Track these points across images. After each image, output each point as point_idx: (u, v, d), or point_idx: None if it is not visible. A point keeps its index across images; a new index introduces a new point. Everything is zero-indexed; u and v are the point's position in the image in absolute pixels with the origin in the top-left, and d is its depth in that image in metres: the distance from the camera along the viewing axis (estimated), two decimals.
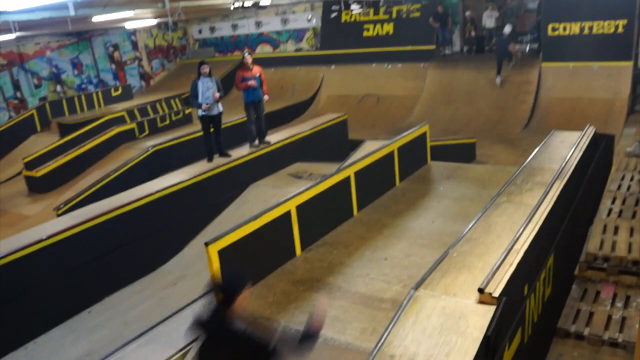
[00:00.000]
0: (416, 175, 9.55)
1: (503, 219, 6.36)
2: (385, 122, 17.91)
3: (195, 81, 10.68)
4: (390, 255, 6.72)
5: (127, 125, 16.34)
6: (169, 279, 9.06)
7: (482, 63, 18.75)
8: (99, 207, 9.28)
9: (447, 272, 5.23)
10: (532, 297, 5.59)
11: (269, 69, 21.99)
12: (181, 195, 10.11)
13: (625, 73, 15.92)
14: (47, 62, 22.55)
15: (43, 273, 8.09)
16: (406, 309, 4.70)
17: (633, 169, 10.76)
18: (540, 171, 7.86)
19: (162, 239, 9.68)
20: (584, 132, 9.39)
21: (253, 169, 11.28)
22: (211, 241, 5.71)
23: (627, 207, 8.96)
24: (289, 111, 19.55)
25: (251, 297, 5.77)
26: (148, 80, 26.12)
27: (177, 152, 13.56)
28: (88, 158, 15.01)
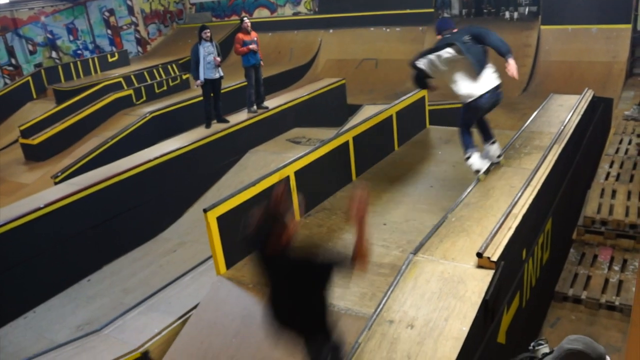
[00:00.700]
0: (415, 140, 9.53)
1: (501, 183, 6.36)
2: (384, 86, 17.78)
3: (196, 46, 10.61)
4: (389, 220, 6.74)
5: (124, 92, 16.21)
6: (168, 246, 9.11)
7: (481, 25, 18.49)
8: (97, 175, 9.28)
9: (445, 237, 5.25)
10: (530, 262, 5.62)
11: (266, 33, 21.75)
12: (180, 161, 10.10)
13: (624, 36, 15.77)
14: (42, 28, 22.23)
15: (41, 242, 8.11)
16: (405, 273, 4.73)
17: (631, 132, 10.75)
18: (538, 135, 7.84)
19: (161, 205, 9.71)
20: (583, 96, 9.34)
21: (251, 135, 11.25)
22: (210, 208, 5.71)
23: (624, 170, 8.96)
24: (287, 76, 19.38)
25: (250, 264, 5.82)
26: (145, 46, 25.83)
27: (175, 118, 13.49)
28: (85, 125, 14.91)
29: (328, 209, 7.10)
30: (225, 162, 10.69)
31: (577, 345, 2.60)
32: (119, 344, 5.76)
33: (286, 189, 4.13)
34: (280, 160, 7.62)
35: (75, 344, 5.94)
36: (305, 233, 6.50)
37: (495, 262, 4.59)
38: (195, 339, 5.36)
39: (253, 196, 6.16)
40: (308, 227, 6.67)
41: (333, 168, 7.62)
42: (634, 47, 15.75)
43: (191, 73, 10.88)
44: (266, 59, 12.66)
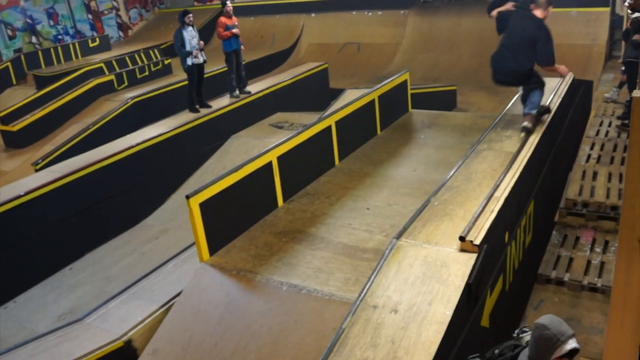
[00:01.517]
0: (397, 124, 9.52)
1: (483, 166, 6.38)
2: (366, 70, 17.75)
3: (179, 30, 10.48)
4: (372, 204, 6.74)
5: (106, 77, 16.02)
6: (150, 233, 9.07)
7: (462, 9, 18.54)
8: (78, 161, 9.20)
9: (428, 221, 5.26)
10: (512, 244, 5.66)
11: (248, 17, 21.62)
12: (162, 147, 10.03)
13: (602, 19, 15.92)
14: (21, 13, 21.87)
15: (22, 230, 8.05)
16: (388, 258, 4.73)
17: (611, 114, 10.85)
18: (520, 118, 7.85)
19: (143, 192, 9.65)
20: (563, 79, 9.37)
21: (234, 120, 11.20)
22: (192, 194, 5.67)
23: (605, 152, 9.05)
24: (269, 60, 19.28)
25: (233, 250, 5.81)
26: (126, 31, 25.54)
27: (157, 103, 13.36)
28: (66, 111, 14.72)
29: (311, 194, 7.08)
30: (208, 147, 10.64)
31: (544, 320, 2.70)
32: (102, 332, 5.72)
33: None
34: (263, 146, 7.56)
35: (57, 334, 5.89)
36: (288, 219, 6.49)
37: (478, 245, 4.61)
38: (179, 327, 5.34)
39: (236, 182, 6.12)
40: (291, 212, 6.65)
41: (316, 153, 7.60)
42: (613, 30, 15.91)
43: (180, 56, 10.68)
44: (248, 43, 12.59)
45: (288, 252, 5.80)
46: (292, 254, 5.75)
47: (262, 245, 5.95)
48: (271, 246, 5.93)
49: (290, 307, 5.03)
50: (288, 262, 5.61)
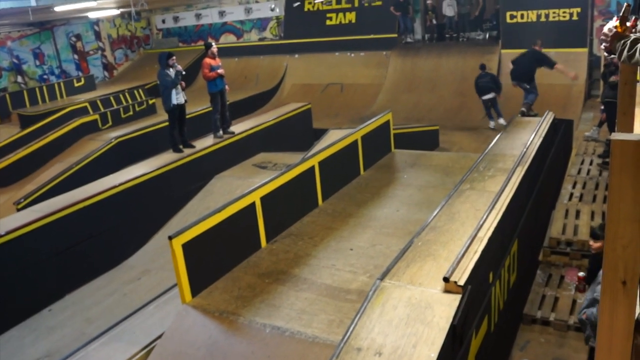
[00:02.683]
0: (380, 164, 9.57)
1: (466, 206, 6.40)
2: (349, 110, 17.91)
3: (162, 72, 10.53)
4: (356, 245, 6.72)
5: (90, 117, 16.05)
6: (132, 273, 8.96)
7: (443, 51, 18.91)
8: (61, 201, 9.13)
9: (412, 262, 5.24)
10: (497, 284, 5.64)
11: (232, 58, 21.85)
12: (145, 187, 9.99)
13: (581, 59, 16.33)
14: (8, 53, 22.01)
15: (1, 270, 7.91)
16: (372, 300, 4.69)
17: (592, 153, 10.99)
18: (502, 157, 7.93)
19: (126, 232, 9.59)
20: (544, 118, 9.51)
21: (218, 160, 11.21)
22: (175, 235, 5.62)
23: (587, 191, 9.13)
24: (253, 101, 19.43)
25: (216, 292, 5.74)
26: (111, 71, 25.70)
27: (141, 143, 13.36)
28: (50, 150, 14.70)
29: (295, 235, 7.06)
30: (192, 187, 10.61)
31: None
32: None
33: None
34: (247, 186, 7.56)
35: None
36: (271, 259, 6.45)
37: (462, 286, 4.58)
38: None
39: (219, 222, 6.09)
40: (274, 253, 6.61)
41: (299, 193, 7.59)
42: (591, 70, 16.26)
43: (164, 95, 10.68)
44: (232, 84, 12.68)
45: (271, 293, 5.75)
46: (276, 295, 5.70)
47: (245, 287, 5.89)
48: (254, 287, 5.87)
49: (273, 349, 4.96)
50: (271, 303, 5.55)
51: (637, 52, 2.72)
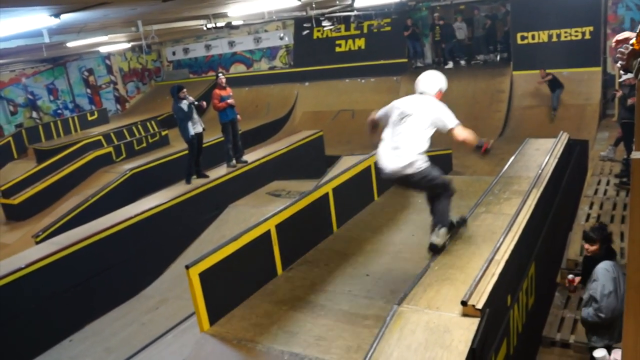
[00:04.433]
0: (394, 189, 9.54)
1: (482, 229, 6.37)
2: (361, 136, 17.84)
3: (176, 105, 10.66)
4: (372, 270, 6.70)
5: (104, 149, 16.24)
6: (150, 303, 8.99)
7: (454, 74, 18.92)
8: (78, 233, 9.23)
9: (429, 286, 5.22)
10: (515, 307, 5.60)
11: (243, 87, 22.03)
12: (160, 218, 10.05)
13: (595, 78, 16.19)
14: (23, 89, 22.41)
15: (23, 302, 8.03)
16: (390, 325, 4.67)
17: (608, 173, 10.90)
18: (517, 180, 7.90)
19: (143, 262, 9.63)
20: (558, 139, 9.47)
21: (231, 189, 11.25)
22: (192, 264, 5.65)
23: (604, 211, 9.05)
24: (265, 129, 19.55)
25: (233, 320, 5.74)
26: (124, 104, 26.01)
27: (155, 174, 13.47)
28: (66, 183, 14.88)
29: (310, 261, 7.05)
30: (206, 217, 10.66)
31: None
32: None
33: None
34: (261, 214, 7.58)
35: None
36: (288, 287, 6.44)
37: (481, 309, 4.55)
38: None
39: (235, 251, 6.11)
40: (291, 280, 6.61)
41: (314, 220, 7.61)
42: (605, 89, 16.09)
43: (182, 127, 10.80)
44: (244, 113, 12.80)
45: (289, 320, 5.74)
46: (293, 322, 5.69)
47: (262, 314, 5.89)
48: (271, 315, 5.87)
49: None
50: (289, 330, 5.54)
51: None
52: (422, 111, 5.69)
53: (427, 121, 5.65)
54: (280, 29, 23.16)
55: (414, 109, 5.69)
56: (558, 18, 16.54)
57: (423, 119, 5.65)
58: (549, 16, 16.63)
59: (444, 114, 5.74)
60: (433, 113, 5.72)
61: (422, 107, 5.73)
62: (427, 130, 5.70)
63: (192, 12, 11.38)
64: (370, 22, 19.73)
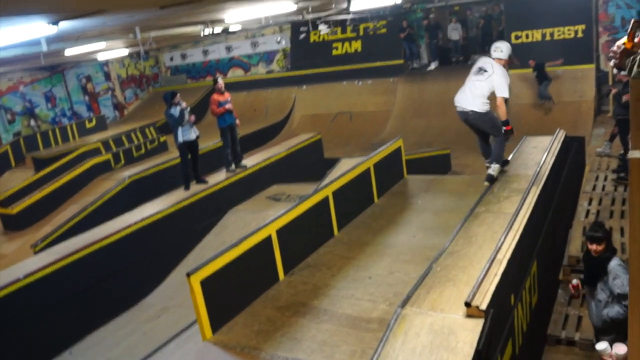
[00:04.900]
0: (394, 191, 9.55)
1: (483, 229, 6.37)
2: (359, 138, 17.97)
3: (168, 111, 10.65)
4: (374, 273, 6.68)
5: (103, 157, 16.21)
6: (151, 312, 8.94)
7: (450, 74, 18.97)
8: (77, 242, 9.19)
9: (432, 288, 5.21)
10: (519, 307, 5.59)
11: (241, 92, 22.02)
12: (160, 224, 10.03)
13: (588, 75, 16.37)
14: (21, 97, 22.40)
15: (21, 313, 7.97)
16: (394, 328, 4.66)
17: (606, 168, 10.94)
18: (515, 178, 7.91)
19: (143, 270, 9.59)
20: (555, 136, 9.48)
21: (231, 194, 11.24)
22: (193, 271, 5.62)
23: (604, 207, 9.07)
24: (263, 133, 19.55)
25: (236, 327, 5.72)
26: (122, 110, 26.01)
27: (154, 181, 13.44)
28: (64, 192, 14.82)
29: (312, 266, 7.03)
30: (206, 223, 10.62)
31: None
32: None
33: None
34: (261, 219, 7.56)
35: None
36: (290, 292, 6.42)
37: (485, 310, 4.55)
38: None
39: (236, 257, 6.08)
40: (293, 285, 6.58)
41: (314, 224, 7.58)
42: (600, 86, 16.25)
43: (175, 132, 10.80)
44: (242, 117, 12.79)
45: (292, 326, 5.71)
46: (296, 328, 5.66)
47: (265, 321, 5.87)
48: (274, 321, 5.85)
49: None
50: (292, 336, 5.52)
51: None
52: (492, 72, 7.56)
53: (492, 81, 7.52)
54: (277, 33, 23.19)
55: (488, 69, 7.63)
56: (551, 17, 16.73)
57: (491, 78, 7.54)
58: (542, 15, 16.83)
59: (501, 83, 7.49)
60: (497, 78, 7.50)
61: (493, 70, 7.57)
62: (490, 86, 7.56)
63: (190, 19, 11.37)
64: (366, 24, 19.79)
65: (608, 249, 5.38)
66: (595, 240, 5.37)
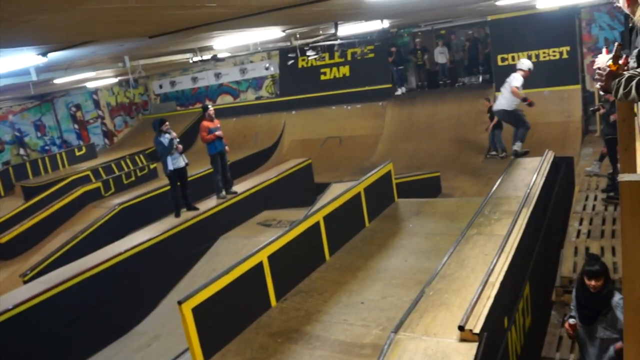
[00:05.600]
0: (385, 214, 9.55)
1: (475, 251, 6.37)
2: (349, 162, 18.03)
3: (157, 139, 10.64)
4: (367, 298, 6.66)
5: (93, 185, 16.20)
6: (142, 340, 8.87)
7: (438, 97, 19.18)
8: (67, 271, 9.13)
9: (425, 312, 5.19)
10: (512, 329, 5.57)
11: (230, 118, 22.09)
12: (151, 252, 9.98)
13: (575, 96, 16.60)
14: (10, 127, 22.38)
15: (10, 344, 7.87)
16: (388, 354, 4.63)
17: (595, 188, 10.98)
18: (506, 200, 7.93)
19: (134, 299, 9.53)
20: (544, 157, 9.55)
21: (222, 221, 11.21)
22: (184, 299, 5.58)
23: (594, 226, 9.09)
24: (253, 159, 19.58)
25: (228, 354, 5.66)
26: (111, 138, 25.97)
27: (145, 208, 13.42)
28: (54, 220, 14.77)
29: (304, 292, 6.99)
30: (197, 249, 10.59)
31: None
32: None
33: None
34: (252, 245, 7.54)
35: None
36: (282, 318, 6.38)
37: (478, 334, 4.53)
38: None
39: (228, 284, 6.05)
40: (285, 311, 6.54)
41: (306, 249, 7.56)
42: (586, 106, 16.43)
43: (163, 161, 10.79)
44: (232, 143, 12.83)
45: (284, 353, 5.67)
46: (289, 355, 5.62)
47: (257, 348, 5.82)
48: (267, 348, 5.80)
49: None
50: None
51: (632, 89, 2.75)
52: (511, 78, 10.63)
53: (511, 83, 10.59)
54: (265, 59, 23.33)
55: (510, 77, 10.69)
56: (536, 39, 17.00)
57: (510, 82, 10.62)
58: (528, 37, 17.10)
59: (514, 80, 10.60)
60: (512, 79, 10.61)
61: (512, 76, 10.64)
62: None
63: (179, 47, 11.41)
64: (354, 49, 19.92)
65: (607, 283, 5.06)
66: (594, 275, 5.02)
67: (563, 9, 15.77)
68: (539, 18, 16.47)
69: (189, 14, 5.89)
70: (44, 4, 3.91)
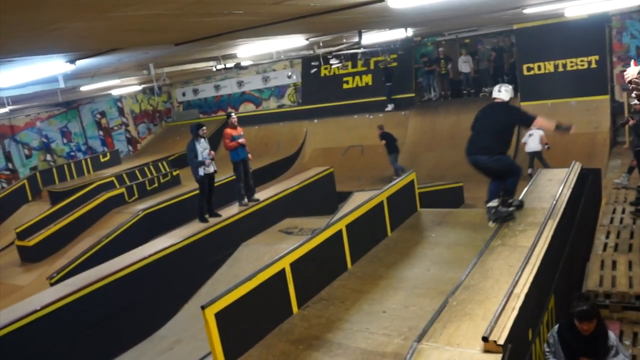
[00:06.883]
0: (407, 224, 9.50)
1: (499, 262, 6.31)
2: (371, 171, 17.98)
3: (192, 142, 10.73)
4: (388, 307, 6.61)
5: (117, 190, 16.36)
6: (164, 344, 8.91)
7: (462, 107, 19.06)
8: (92, 275, 9.26)
9: (448, 322, 5.15)
10: (537, 342, 5.51)
11: (252, 126, 22.18)
12: (174, 257, 10.06)
13: (603, 106, 16.27)
14: (37, 133, 22.80)
15: (38, 345, 8.03)
16: None
17: (623, 201, 10.76)
18: (531, 211, 7.85)
19: (156, 303, 9.60)
20: (571, 169, 9.43)
21: (244, 228, 11.24)
22: (208, 304, 5.60)
23: (622, 240, 8.91)
24: (275, 167, 19.64)
25: None
26: (135, 145, 26.25)
27: (168, 214, 13.53)
28: (79, 225, 14.99)
29: (326, 300, 6.97)
30: (219, 256, 10.62)
31: None
32: None
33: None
34: (274, 252, 7.55)
35: None
36: (304, 325, 6.36)
37: (503, 345, 4.48)
38: None
39: (250, 290, 6.05)
40: (307, 318, 6.53)
41: (328, 257, 7.55)
42: (615, 117, 16.10)
43: (192, 166, 10.87)
44: (254, 151, 12.87)
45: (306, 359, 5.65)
46: None
47: (279, 354, 5.81)
48: (288, 355, 5.79)
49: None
50: None
51: None
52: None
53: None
54: (288, 67, 23.42)
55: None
56: (563, 48, 16.75)
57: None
58: (554, 47, 16.83)
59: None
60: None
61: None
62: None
63: (203, 54, 11.53)
64: (377, 58, 19.92)
65: (600, 324, 4.90)
66: (587, 317, 4.80)
67: (592, 16, 15.46)
68: (566, 26, 16.26)
69: (216, 21, 5.94)
70: (73, 12, 3.97)
